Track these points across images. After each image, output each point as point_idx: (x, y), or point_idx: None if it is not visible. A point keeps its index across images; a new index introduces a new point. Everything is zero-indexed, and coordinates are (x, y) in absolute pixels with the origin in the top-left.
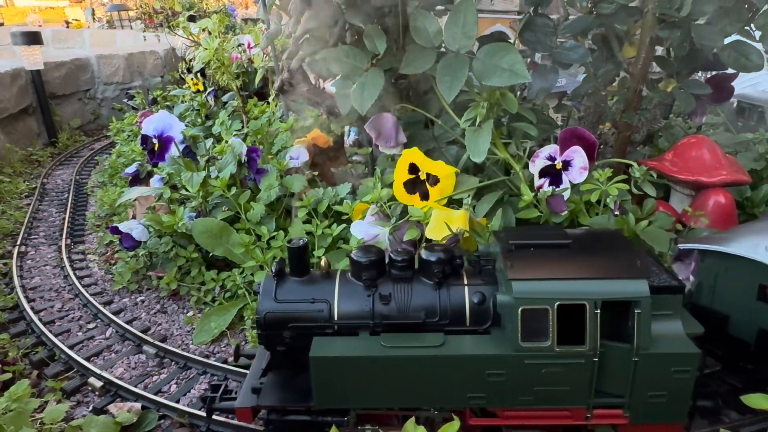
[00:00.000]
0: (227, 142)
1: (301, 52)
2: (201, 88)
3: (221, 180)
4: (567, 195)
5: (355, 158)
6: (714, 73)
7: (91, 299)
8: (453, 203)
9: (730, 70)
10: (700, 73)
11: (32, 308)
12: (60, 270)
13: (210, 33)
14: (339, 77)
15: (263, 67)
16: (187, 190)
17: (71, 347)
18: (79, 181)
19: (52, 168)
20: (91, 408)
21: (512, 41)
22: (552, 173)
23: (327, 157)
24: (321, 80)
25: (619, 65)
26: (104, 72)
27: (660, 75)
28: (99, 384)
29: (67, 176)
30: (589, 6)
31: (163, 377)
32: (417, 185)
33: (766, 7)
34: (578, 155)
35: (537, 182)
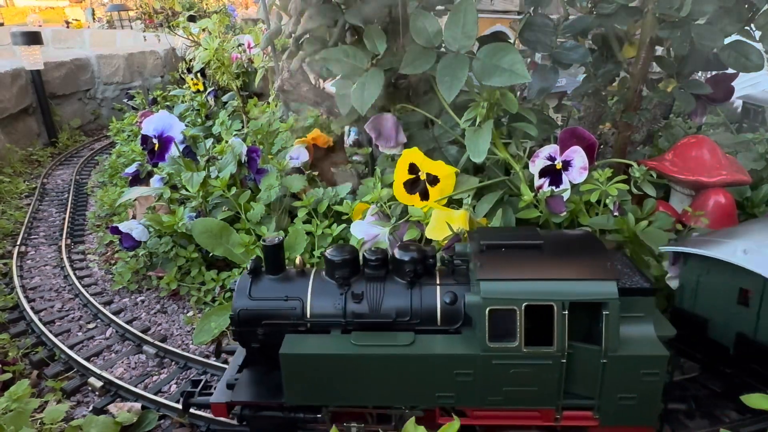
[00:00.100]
0: (227, 142)
1: (301, 52)
2: (201, 88)
3: (221, 180)
4: (567, 195)
5: (355, 158)
6: (714, 73)
7: (91, 299)
8: (453, 203)
9: (730, 70)
10: (700, 73)
11: (32, 308)
12: (60, 270)
13: (210, 33)
14: (339, 77)
15: (263, 67)
16: (187, 190)
17: (71, 347)
18: (79, 181)
19: (52, 168)
20: (91, 408)
21: (512, 41)
22: (552, 173)
23: (327, 157)
24: (321, 80)
25: (619, 65)
26: (104, 72)
27: (660, 75)
28: (99, 384)
29: (67, 176)
30: (589, 6)
31: (163, 377)
32: (417, 185)
33: (766, 7)
34: (578, 155)
35: (537, 182)
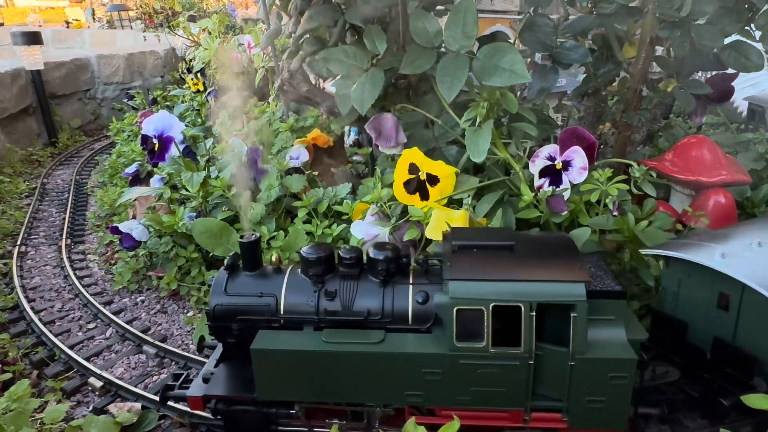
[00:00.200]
0: (227, 142)
1: (301, 52)
2: (201, 88)
3: (221, 180)
4: (567, 195)
5: (355, 158)
6: (714, 73)
7: (91, 299)
8: (453, 203)
9: (730, 70)
10: (700, 73)
11: (32, 308)
12: (60, 270)
13: (210, 33)
14: (339, 77)
15: (263, 67)
16: (187, 190)
17: (71, 347)
18: (79, 181)
19: (52, 168)
20: (91, 408)
21: (512, 41)
22: (552, 173)
23: (327, 157)
24: (321, 80)
25: (619, 65)
26: (104, 72)
27: (660, 75)
28: (99, 384)
29: (67, 176)
30: (589, 6)
31: (163, 377)
32: (417, 185)
33: (766, 7)
34: (578, 155)
35: (537, 182)
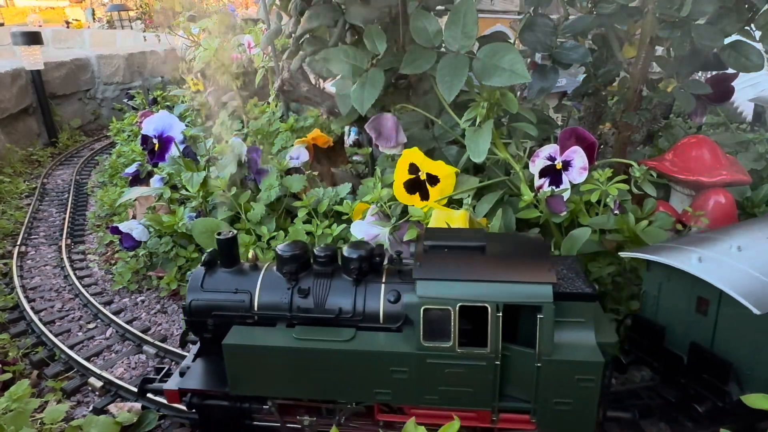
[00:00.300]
0: (227, 142)
1: (301, 52)
2: (201, 88)
3: (221, 180)
4: (567, 195)
5: (355, 158)
6: (714, 73)
7: (92, 299)
8: (453, 203)
9: (730, 70)
10: (700, 73)
11: (32, 308)
12: (60, 270)
13: (210, 33)
14: (339, 77)
15: (263, 67)
16: (187, 190)
17: (71, 347)
18: (80, 181)
19: (53, 168)
20: (91, 408)
21: (512, 41)
22: (552, 173)
23: (327, 157)
24: (321, 80)
25: (619, 65)
26: (104, 72)
27: (660, 75)
28: (99, 384)
29: (68, 176)
30: (589, 6)
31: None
32: (417, 185)
33: (766, 7)
34: (578, 155)
35: (537, 182)
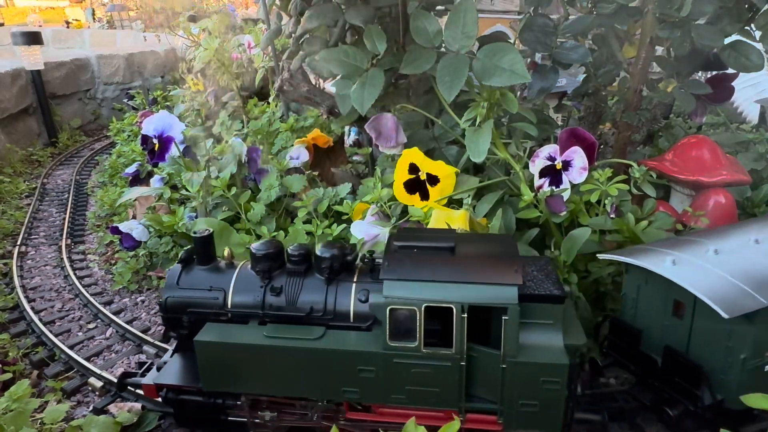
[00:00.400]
0: (227, 142)
1: (301, 52)
2: (201, 89)
3: (221, 180)
4: (567, 195)
5: (355, 158)
6: (714, 73)
7: (92, 299)
8: (453, 203)
9: (730, 70)
10: (700, 73)
11: (32, 308)
12: (60, 270)
13: (210, 33)
14: (339, 77)
15: (263, 67)
16: (187, 190)
17: (71, 347)
18: (80, 181)
19: (53, 168)
20: (91, 408)
21: (512, 41)
22: (552, 173)
23: (327, 157)
24: (321, 80)
25: (619, 65)
26: (104, 72)
27: (660, 75)
28: (99, 384)
29: (68, 176)
30: (589, 6)
31: None
32: (417, 185)
33: (766, 7)
34: (578, 155)
35: (537, 182)
